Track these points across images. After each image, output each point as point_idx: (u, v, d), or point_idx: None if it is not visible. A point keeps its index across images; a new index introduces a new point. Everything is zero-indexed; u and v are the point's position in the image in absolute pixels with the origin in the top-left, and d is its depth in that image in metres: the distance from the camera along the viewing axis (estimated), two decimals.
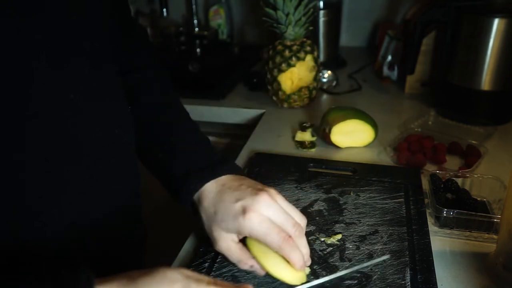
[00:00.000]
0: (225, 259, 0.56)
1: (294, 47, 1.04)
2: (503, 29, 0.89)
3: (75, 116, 0.49)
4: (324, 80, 1.23)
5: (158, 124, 0.65)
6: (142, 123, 0.64)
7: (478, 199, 0.70)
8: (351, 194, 0.70)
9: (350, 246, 0.59)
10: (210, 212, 0.55)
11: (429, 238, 0.59)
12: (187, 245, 0.64)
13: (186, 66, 1.36)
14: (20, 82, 0.43)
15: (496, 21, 0.89)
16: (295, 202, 0.68)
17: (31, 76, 0.44)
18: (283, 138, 0.95)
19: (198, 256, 0.58)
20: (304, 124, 0.98)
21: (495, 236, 0.61)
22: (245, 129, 1.09)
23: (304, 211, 0.66)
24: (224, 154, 0.63)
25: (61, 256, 0.49)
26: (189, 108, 0.72)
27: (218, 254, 0.57)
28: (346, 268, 0.55)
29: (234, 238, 0.54)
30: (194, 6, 1.60)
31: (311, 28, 1.08)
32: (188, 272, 0.41)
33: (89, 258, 0.52)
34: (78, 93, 0.49)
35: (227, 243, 0.54)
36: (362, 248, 0.58)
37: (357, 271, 0.54)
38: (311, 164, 0.79)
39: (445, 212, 0.62)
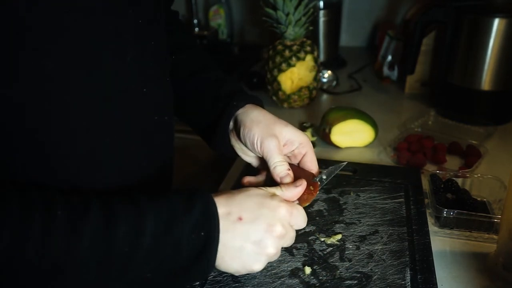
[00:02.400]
0: None
1: (294, 47, 1.04)
2: (503, 29, 0.89)
3: (144, 107, 0.52)
4: (324, 80, 1.23)
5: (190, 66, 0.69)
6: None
7: (478, 199, 0.69)
8: (351, 194, 0.70)
9: (350, 246, 0.59)
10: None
11: (429, 238, 0.59)
12: None
13: None
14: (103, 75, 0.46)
15: (496, 21, 0.89)
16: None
17: (115, 72, 0.47)
18: None
19: None
20: (304, 124, 0.98)
21: (495, 236, 0.61)
22: None
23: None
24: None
25: None
26: None
27: None
28: (346, 268, 0.55)
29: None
30: (194, 6, 1.60)
31: (311, 28, 1.08)
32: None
33: None
34: (146, 82, 0.52)
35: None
36: (362, 248, 0.58)
37: (357, 271, 0.54)
38: None
39: (445, 212, 0.62)
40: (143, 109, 0.53)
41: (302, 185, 0.52)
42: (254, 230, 0.46)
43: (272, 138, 0.55)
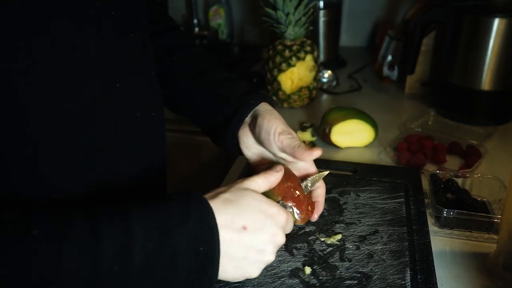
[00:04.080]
0: None
1: (294, 47, 1.04)
2: (503, 29, 0.89)
3: (119, 101, 0.50)
4: (324, 80, 1.23)
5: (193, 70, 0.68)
6: (177, 71, 0.67)
7: (478, 199, 0.69)
8: (351, 194, 0.70)
9: (350, 246, 0.59)
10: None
11: (429, 238, 0.59)
12: None
13: None
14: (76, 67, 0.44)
15: (496, 21, 0.89)
16: None
17: (89, 60, 0.46)
18: None
19: None
20: (304, 124, 0.98)
21: (495, 236, 0.61)
22: None
23: None
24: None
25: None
26: None
27: None
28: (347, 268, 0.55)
29: None
30: (194, 6, 1.60)
31: (311, 28, 1.08)
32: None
33: None
34: (124, 81, 0.50)
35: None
36: (362, 248, 0.58)
37: (357, 271, 0.54)
38: None
39: (445, 212, 0.62)
40: (118, 105, 0.50)
41: (281, 170, 0.53)
42: (259, 239, 0.45)
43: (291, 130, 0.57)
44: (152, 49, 0.59)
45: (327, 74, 1.24)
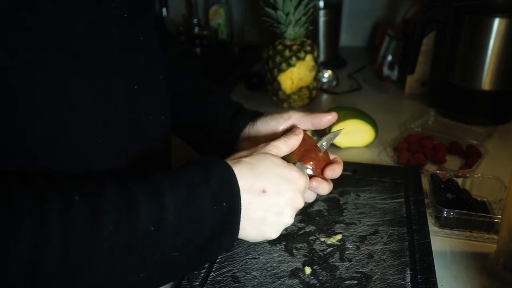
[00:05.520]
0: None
1: (294, 47, 1.04)
2: (503, 29, 0.89)
3: (136, 103, 0.52)
4: (324, 80, 1.23)
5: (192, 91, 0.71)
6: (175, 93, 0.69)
7: (478, 199, 0.69)
8: (351, 194, 0.70)
9: (350, 246, 0.59)
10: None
11: (429, 238, 0.59)
12: None
13: None
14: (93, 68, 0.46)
15: (496, 21, 0.89)
16: None
17: (108, 60, 0.47)
18: None
19: None
20: None
21: (495, 236, 0.61)
22: None
23: (304, 211, 0.66)
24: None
25: None
26: None
27: None
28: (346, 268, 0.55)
29: None
30: (194, 6, 1.60)
31: (311, 28, 1.08)
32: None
33: None
34: (140, 84, 0.52)
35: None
36: (362, 248, 0.58)
37: (357, 271, 0.54)
38: None
39: (445, 212, 0.62)
40: (135, 107, 0.52)
41: (301, 133, 0.56)
42: (277, 202, 0.47)
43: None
44: (161, 54, 0.60)
45: (327, 74, 1.23)
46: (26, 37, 0.39)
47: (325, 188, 0.57)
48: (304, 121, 0.61)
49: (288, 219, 0.48)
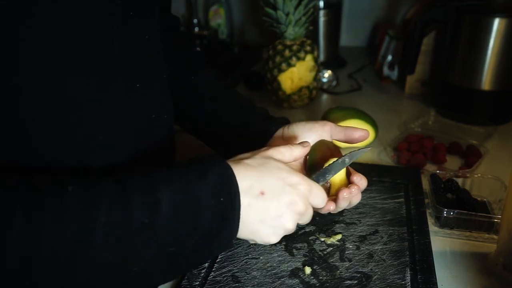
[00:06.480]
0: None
1: (294, 47, 1.04)
2: (503, 29, 0.89)
3: (138, 102, 0.52)
4: (324, 80, 1.23)
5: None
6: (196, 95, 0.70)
7: (478, 199, 0.69)
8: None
9: (350, 246, 0.59)
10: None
11: (429, 238, 0.59)
12: None
13: None
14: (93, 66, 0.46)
15: (496, 21, 0.89)
16: None
17: (109, 60, 0.47)
18: None
19: None
20: None
21: (495, 236, 0.61)
22: None
23: None
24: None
25: None
26: None
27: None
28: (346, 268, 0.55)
29: None
30: (194, 6, 1.60)
31: (311, 28, 1.08)
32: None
33: None
34: (142, 82, 0.52)
35: None
36: (362, 248, 0.58)
37: (357, 271, 0.54)
38: None
39: (445, 212, 0.62)
40: (137, 105, 0.52)
41: (308, 146, 0.54)
42: (276, 205, 0.46)
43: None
44: (163, 53, 0.60)
45: (327, 74, 1.23)
46: (25, 35, 0.39)
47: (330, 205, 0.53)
48: (338, 132, 0.60)
49: (288, 224, 0.46)
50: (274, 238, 0.47)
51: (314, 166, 0.54)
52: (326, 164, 0.53)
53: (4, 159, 0.43)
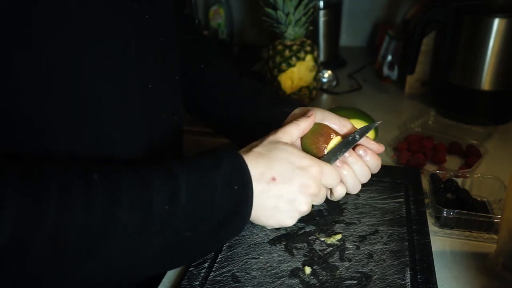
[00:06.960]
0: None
1: (294, 47, 1.04)
2: (503, 29, 0.89)
3: (150, 102, 0.53)
4: (324, 80, 1.23)
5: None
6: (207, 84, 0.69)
7: (478, 199, 0.69)
8: (351, 194, 0.70)
9: (350, 246, 0.59)
10: None
11: (429, 238, 0.59)
12: None
13: None
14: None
15: (496, 21, 0.89)
16: None
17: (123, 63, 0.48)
18: None
19: None
20: None
21: (495, 236, 0.61)
22: None
23: None
24: None
25: None
26: None
27: (218, 254, 0.58)
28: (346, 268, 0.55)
29: None
30: (194, 6, 1.60)
31: (311, 28, 1.08)
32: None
33: None
34: (155, 83, 0.53)
35: None
36: (362, 248, 0.58)
37: (357, 271, 0.54)
38: None
39: (445, 212, 0.62)
40: (148, 106, 0.53)
41: (312, 115, 0.54)
42: (288, 189, 0.46)
43: None
44: (178, 54, 0.60)
45: (327, 74, 1.24)
46: (39, 33, 0.40)
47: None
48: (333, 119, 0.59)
49: (302, 206, 0.47)
50: (290, 221, 0.48)
51: (314, 146, 0.53)
52: (336, 142, 0.53)
53: (28, 152, 0.44)
